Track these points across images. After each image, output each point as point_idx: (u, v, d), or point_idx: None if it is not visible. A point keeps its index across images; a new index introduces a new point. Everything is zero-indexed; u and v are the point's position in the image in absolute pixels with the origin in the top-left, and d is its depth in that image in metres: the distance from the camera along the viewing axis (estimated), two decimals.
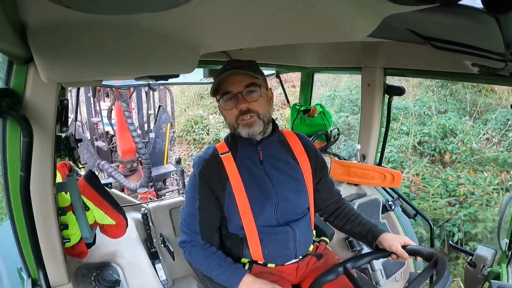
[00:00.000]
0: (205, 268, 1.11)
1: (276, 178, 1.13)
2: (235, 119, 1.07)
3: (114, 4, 0.45)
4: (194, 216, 1.11)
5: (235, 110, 1.06)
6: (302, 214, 1.19)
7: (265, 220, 1.12)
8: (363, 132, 1.96)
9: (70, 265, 1.12)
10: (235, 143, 1.15)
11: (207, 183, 1.10)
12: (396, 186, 1.87)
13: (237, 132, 1.09)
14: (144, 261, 1.34)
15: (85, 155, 4.63)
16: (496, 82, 1.36)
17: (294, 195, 1.15)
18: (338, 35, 0.75)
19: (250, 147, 1.14)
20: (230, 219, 1.13)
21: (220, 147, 1.16)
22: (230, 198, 1.10)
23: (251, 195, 1.10)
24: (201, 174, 1.11)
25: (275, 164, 1.15)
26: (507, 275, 1.28)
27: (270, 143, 1.15)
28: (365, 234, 1.18)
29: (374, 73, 1.79)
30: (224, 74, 1.04)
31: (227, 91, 1.06)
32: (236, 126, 1.08)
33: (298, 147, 1.21)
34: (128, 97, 4.06)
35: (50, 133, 0.86)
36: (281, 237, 1.13)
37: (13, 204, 0.88)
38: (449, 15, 0.56)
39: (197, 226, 1.11)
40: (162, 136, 4.88)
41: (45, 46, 0.62)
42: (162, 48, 0.73)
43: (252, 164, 1.13)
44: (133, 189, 4.33)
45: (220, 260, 1.09)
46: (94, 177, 1.13)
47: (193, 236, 1.13)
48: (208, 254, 1.11)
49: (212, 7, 0.57)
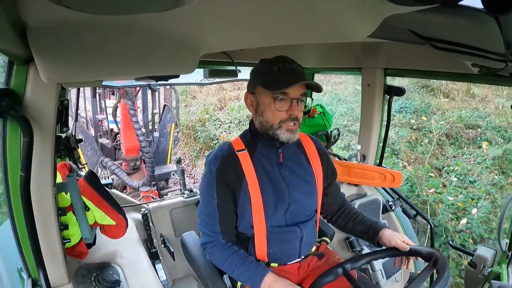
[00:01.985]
0: (227, 269, 1.10)
1: (291, 181, 1.14)
2: (279, 121, 1.05)
3: (114, 4, 0.45)
4: (213, 216, 1.10)
5: (285, 114, 1.04)
6: (310, 216, 1.20)
7: (275, 220, 1.12)
8: (363, 132, 1.96)
9: (70, 265, 1.12)
10: (255, 141, 1.14)
11: (225, 180, 1.09)
12: (396, 186, 1.87)
13: (274, 133, 1.07)
14: (144, 261, 1.34)
15: (89, 151, 4.67)
16: (496, 82, 1.36)
17: (305, 198, 1.16)
18: (338, 35, 0.75)
19: (271, 148, 1.13)
20: (242, 216, 1.13)
21: (236, 144, 1.14)
22: (245, 196, 1.09)
23: (266, 195, 1.09)
24: (219, 172, 1.09)
25: (291, 167, 1.16)
26: (507, 275, 1.28)
27: (289, 147, 1.16)
28: (366, 231, 1.19)
29: (374, 74, 1.79)
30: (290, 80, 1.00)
31: (286, 93, 1.03)
32: (277, 127, 1.06)
33: (312, 150, 1.22)
34: (134, 96, 4.09)
35: (50, 133, 0.86)
36: (288, 237, 1.14)
37: (13, 204, 0.88)
38: (449, 16, 0.56)
39: (217, 225, 1.10)
40: (166, 136, 4.91)
41: (45, 46, 0.62)
42: (163, 49, 0.72)
43: (269, 164, 1.13)
44: (135, 187, 4.35)
45: (241, 260, 1.07)
46: (94, 177, 1.13)
47: (214, 236, 1.11)
48: (228, 254, 1.09)
49: (213, 7, 0.57)
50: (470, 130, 6.27)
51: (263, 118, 1.08)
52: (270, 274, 1.03)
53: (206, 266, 1.23)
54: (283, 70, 1.02)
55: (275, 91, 1.02)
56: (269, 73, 1.03)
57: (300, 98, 1.05)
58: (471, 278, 1.38)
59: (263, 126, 1.09)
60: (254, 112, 1.11)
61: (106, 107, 4.88)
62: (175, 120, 4.95)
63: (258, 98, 1.08)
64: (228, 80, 2.06)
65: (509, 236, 1.34)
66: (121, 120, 4.55)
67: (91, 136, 4.89)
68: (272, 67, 1.03)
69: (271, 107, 1.05)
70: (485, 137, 5.97)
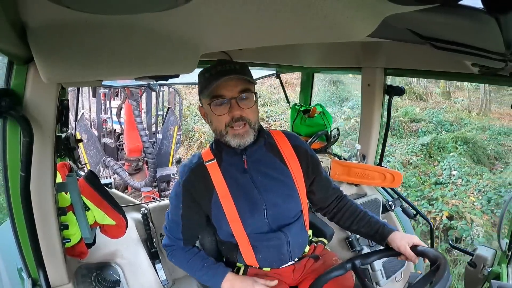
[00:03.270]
0: (189, 270, 1.14)
1: (263, 185, 1.10)
2: (225, 125, 1.01)
3: (114, 4, 0.45)
4: (177, 223, 1.12)
5: (227, 116, 1.00)
6: (295, 218, 1.16)
7: (256, 227, 1.10)
8: (363, 132, 1.96)
9: (70, 265, 1.12)
10: (220, 150, 1.11)
11: (191, 193, 1.09)
12: (396, 186, 1.87)
13: (225, 140, 1.04)
14: (144, 261, 1.34)
15: (91, 151, 4.69)
16: (496, 82, 1.36)
17: (283, 200, 1.12)
18: (338, 35, 0.75)
19: (235, 156, 1.10)
20: (220, 227, 1.13)
21: (205, 155, 1.12)
22: (218, 207, 1.08)
23: (238, 204, 1.07)
24: (185, 184, 1.09)
25: (263, 170, 1.11)
26: (507, 275, 1.28)
27: (256, 150, 1.11)
28: (373, 234, 1.16)
29: (374, 73, 1.78)
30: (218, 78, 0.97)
31: (220, 95, 0.98)
32: (225, 133, 1.02)
33: (287, 149, 1.15)
34: (139, 96, 4.11)
35: (50, 133, 0.86)
36: (274, 243, 1.11)
37: (13, 204, 0.88)
38: (449, 15, 0.56)
39: (179, 233, 1.13)
40: (169, 138, 4.94)
41: (45, 46, 0.62)
42: (162, 48, 0.72)
43: (237, 172, 1.10)
44: (137, 188, 4.37)
45: (202, 261, 1.11)
46: (94, 177, 1.13)
47: (175, 241, 1.15)
48: (190, 256, 1.13)
49: (213, 7, 0.57)
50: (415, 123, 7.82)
51: (213, 127, 1.07)
52: (230, 273, 1.07)
53: None
54: (214, 74, 0.99)
55: (208, 96, 1.00)
56: (203, 81, 1.02)
57: (239, 96, 0.99)
58: (471, 278, 1.38)
59: (216, 135, 1.08)
60: (209, 123, 1.09)
61: (111, 108, 4.91)
62: (178, 123, 4.98)
63: (205, 108, 1.06)
64: None
65: (509, 236, 1.34)
66: (125, 120, 4.58)
67: (95, 135, 4.91)
68: (205, 74, 1.01)
69: (213, 114, 1.02)
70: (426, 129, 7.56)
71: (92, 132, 4.91)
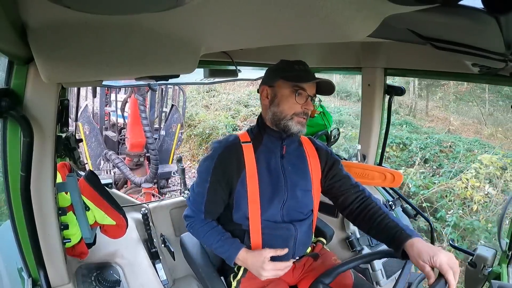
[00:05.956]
0: (206, 241, 1.18)
1: (290, 176, 1.17)
2: (294, 113, 1.12)
3: (114, 4, 0.45)
4: (202, 196, 1.15)
5: (299, 107, 1.12)
6: (306, 215, 1.20)
7: (270, 214, 1.14)
8: (363, 132, 1.96)
9: (71, 265, 1.12)
10: (261, 133, 1.19)
11: (222, 168, 1.13)
12: (396, 186, 1.86)
13: (285, 124, 1.12)
14: (144, 261, 1.34)
15: (93, 143, 4.68)
16: (496, 82, 1.36)
17: (302, 194, 1.18)
18: (338, 35, 0.75)
19: (276, 141, 1.17)
20: (238, 206, 1.15)
21: (242, 136, 1.19)
22: (243, 186, 1.13)
23: (263, 187, 1.13)
24: (219, 158, 1.13)
25: (293, 161, 1.19)
26: (507, 275, 1.28)
27: (293, 141, 1.21)
28: (390, 241, 1.05)
29: (375, 73, 1.78)
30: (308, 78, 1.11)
31: (304, 88, 1.12)
32: (290, 118, 1.12)
33: (311, 150, 1.25)
34: (145, 92, 4.08)
35: (50, 133, 0.86)
36: (283, 234, 1.15)
37: (13, 204, 0.88)
38: (449, 15, 0.56)
39: (202, 205, 1.16)
40: (171, 135, 4.94)
41: (45, 46, 0.62)
42: (163, 48, 0.72)
43: (273, 156, 1.17)
44: (137, 183, 4.36)
45: (219, 235, 1.15)
46: (94, 177, 1.14)
47: (197, 213, 1.18)
48: (208, 229, 1.17)
49: (213, 7, 0.57)
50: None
51: (278, 109, 1.13)
52: (244, 249, 1.12)
53: (205, 266, 1.23)
54: (302, 70, 1.14)
55: (298, 83, 1.11)
56: (291, 70, 1.14)
57: (313, 97, 1.15)
58: (471, 278, 1.38)
59: (276, 116, 1.14)
60: (269, 104, 1.16)
61: (117, 101, 4.90)
62: (181, 121, 4.98)
63: (276, 90, 1.14)
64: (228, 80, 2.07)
65: (509, 235, 1.34)
66: (129, 115, 4.55)
67: (97, 127, 4.87)
68: (293, 66, 1.15)
69: (289, 99, 1.12)
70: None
71: (94, 123, 4.88)
